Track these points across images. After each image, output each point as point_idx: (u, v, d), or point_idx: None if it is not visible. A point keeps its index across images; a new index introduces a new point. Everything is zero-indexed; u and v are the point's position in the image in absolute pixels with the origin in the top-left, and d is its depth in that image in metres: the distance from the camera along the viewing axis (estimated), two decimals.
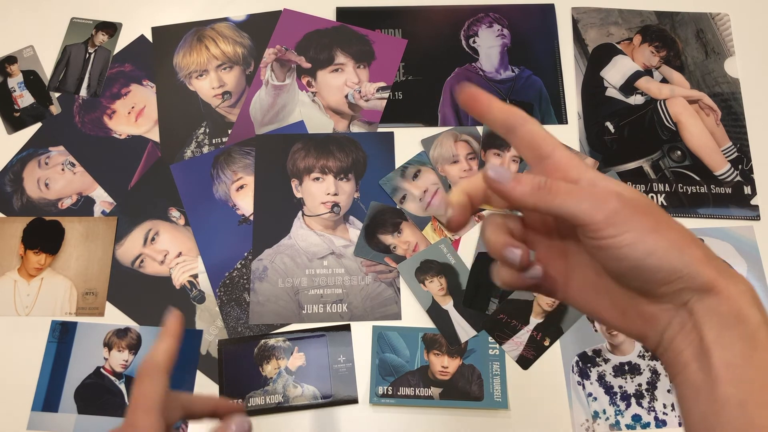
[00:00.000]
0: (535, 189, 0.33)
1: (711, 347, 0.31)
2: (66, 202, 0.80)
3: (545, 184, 0.33)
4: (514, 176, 0.34)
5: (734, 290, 0.31)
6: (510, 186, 0.34)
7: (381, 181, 0.80)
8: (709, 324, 0.31)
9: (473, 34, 0.88)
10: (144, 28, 0.89)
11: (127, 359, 0.73)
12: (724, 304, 0.31)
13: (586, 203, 0.32)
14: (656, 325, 0.34)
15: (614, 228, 0.32)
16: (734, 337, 0.31)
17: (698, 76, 0.85)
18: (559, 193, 0.33)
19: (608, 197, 0.32)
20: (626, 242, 0.32)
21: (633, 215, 0.32)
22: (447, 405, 0.70)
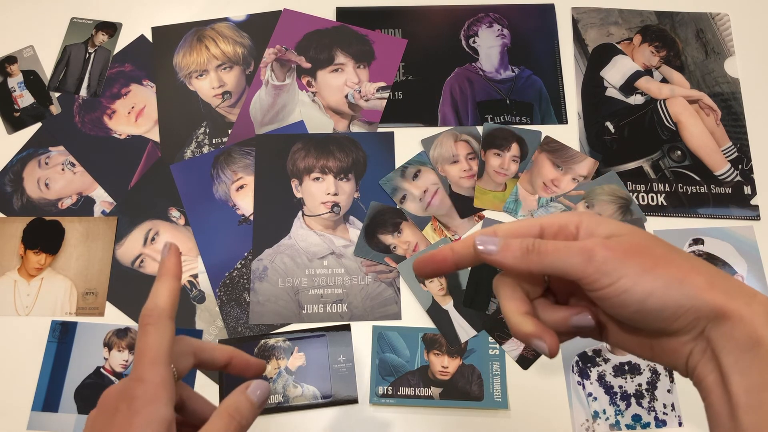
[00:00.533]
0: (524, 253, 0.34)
1: (729, 373, 0.30)
2: (66, 202, 0.80)
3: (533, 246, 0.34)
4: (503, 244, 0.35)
5: (747, 311, 0.31)
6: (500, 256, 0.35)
7: (381, 181, 0.80)
8: (726, 350, 0.31)
9: (473, 34, 0.88)
10: (144, 28, 0.89)
11: (128, 359, 0.73)
12: (737, 328, 0.31)
13: (576, 258, 0.33)
14: (681, 357, 0.33)
15: (607, 277, 0.32)
16: (752, 360, 0.30)
17: (698, 76, 0.85)
18: (548, 253, 0.34)
19: (595, 248, 0.33)
20: (622, 289, 0.32)
21: (624, 260, 0.32)
22: (447, 405, 0.70)
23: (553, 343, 0.34)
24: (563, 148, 0.81)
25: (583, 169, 0.80)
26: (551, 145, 0.81)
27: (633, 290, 0.32)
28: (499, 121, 0.83)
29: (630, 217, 0.78)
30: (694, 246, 0.77)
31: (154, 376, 0.36)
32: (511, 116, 0.83)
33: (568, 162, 0.81)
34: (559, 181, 0.80)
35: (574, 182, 0.79)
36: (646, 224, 0.78)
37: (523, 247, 0.34)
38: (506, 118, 0.83)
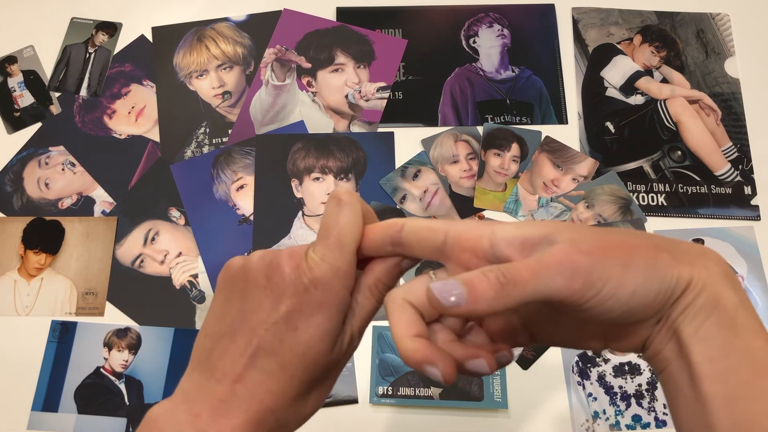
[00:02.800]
0: (499, 289, 0.28)
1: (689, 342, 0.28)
2: (66, 202, 0.80)
3: (506, 277, 0.28)
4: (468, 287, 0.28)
5: (706, 275, 0.29)
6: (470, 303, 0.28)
7: (381, 181, 0.80)
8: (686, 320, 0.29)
9: (473, 34, 0.88)
10: (144, 28, 0.89)
11: (127, 359, 0.73)
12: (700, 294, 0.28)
13: (559, 277, 0.28)
14: (640, 337, 0.31)
15: (594, 288, 0.28)
16: (712, 326, 0.28)
17: (698, 76, 0.85)
18: (527, 280, 0.28)
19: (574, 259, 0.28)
20: (608, 295, 0.28)
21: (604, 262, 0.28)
22: (447, 405, 0.70)
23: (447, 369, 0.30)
24: (563, 148, 0.81)
25: (583, 169, 0.80)
26: (551, 145, 0.81)
27: (619, 293, 0.28)
28: (499, 121, 0.83)
29: (630, 218, 0.78)
30: None
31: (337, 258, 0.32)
32: (511, 116, 0.83)
33: (568, 162, 0.81)
34: (559, 181, 0.80)
35: (575, 182, 0.79)
36: (646, 224, 0.78)
37: (495, 282, 0.28)
38: (506, 118, 0.83)
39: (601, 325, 0.31)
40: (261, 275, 0.32)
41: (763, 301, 0.74)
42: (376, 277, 0.34)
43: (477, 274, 0.28)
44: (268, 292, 0.32)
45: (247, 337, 0.32)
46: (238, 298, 0.33)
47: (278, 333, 0.31)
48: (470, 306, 0.28)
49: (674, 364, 0.29)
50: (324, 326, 0.32)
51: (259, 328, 0.32)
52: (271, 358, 0.32)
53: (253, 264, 0.33)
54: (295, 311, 0.31)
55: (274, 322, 0.32)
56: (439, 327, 0.32)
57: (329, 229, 0.32)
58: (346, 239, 0.32)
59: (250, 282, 0.33)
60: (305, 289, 0.31)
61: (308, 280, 0.31)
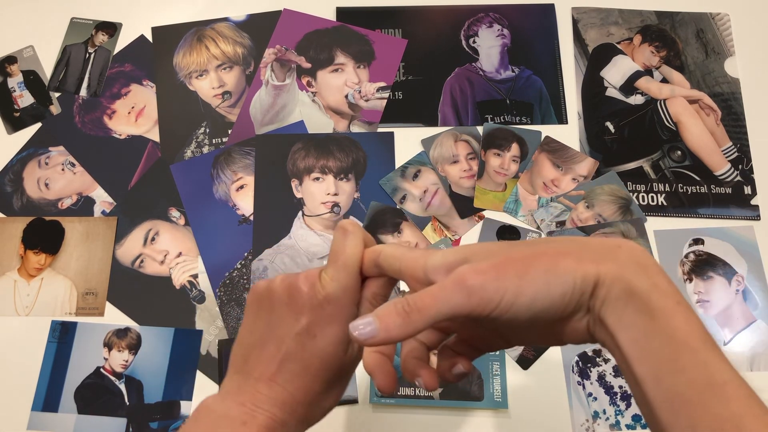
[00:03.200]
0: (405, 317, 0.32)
1: (615, 332, 0.31)
2: (66, 202, 0.80)
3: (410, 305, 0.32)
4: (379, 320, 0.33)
5: (615, 267, 0.31)
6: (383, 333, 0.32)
7: (381, 181, 0.80)
8: (608, 312, 0.31)
9: (473, 34, 0.88)
10: (144, 28, 0.89)
11: (127, 359, 0.73)
12: (611, 287, 0.31)
13: (456, 296, 0.32)
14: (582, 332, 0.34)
15: (491, 302, 0.31)
16: (631, 314, 0.31)
17: (698, 76, 0.85)
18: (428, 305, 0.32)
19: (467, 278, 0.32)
20: (508, 304, 0.31)
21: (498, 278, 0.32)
22: (447, 405, 0.70)
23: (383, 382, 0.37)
24: (563, 148, 0.81)
25: (583, 169, 0.80)
26: (551, 145, 0.81)
27: (518, 301, 0.31)
28: (499, 121, 0.83)
29: (630, 217, 0.78)
30: (694, 246, 0.77)
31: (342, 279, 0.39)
32: (511, 116, 0.83)
33: (568, 162, 0.81)
34: (559, 181, 0.80)
35: (574, 182, 0.79)
36: (646, 224, 0.78)
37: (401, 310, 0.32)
38: (506, 118, 0.83)
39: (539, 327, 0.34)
40: (284, 294, 0.40)
41: (763, 300, 0.74)
42: (372, 291, 0.40)
43: (387, 306, 0.33)
44: (290, 309, 0.39)
45: (276, 345, 0.39)
46: (265, 315, 0.40)
47: (300, 341, 0.38)
48: (384, 336, 0.32)
49: (615, 353, 0.32)
50: (337, 334, 0.39)
51: (285, 338, 0.39)
52: (296, 362, 0.39)
53: (276, 285, 0.40)
54: (312, 323, 0.38)
55: (297, 332, 0.39)
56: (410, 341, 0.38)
57: (337, 255, 0.39)
58: (350, 262, 0.39)
59: (275, 300, 0.40)
60: (320, 304, 0.38)
61: (322, 297, 0.38)
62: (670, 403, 0.29)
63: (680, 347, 0.30)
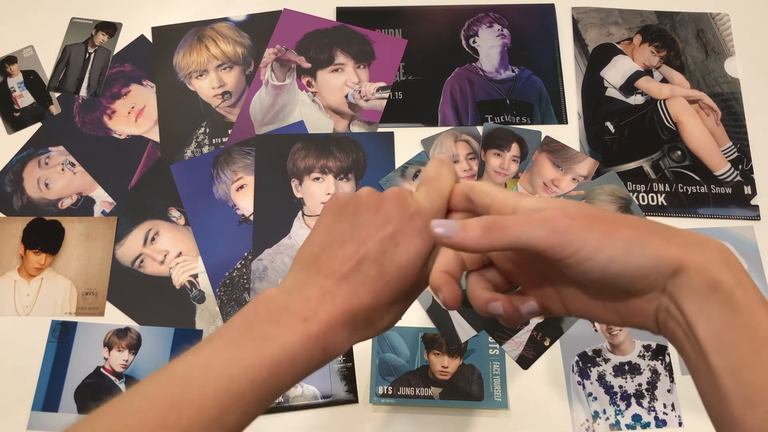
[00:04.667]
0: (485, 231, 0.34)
1: (694, 322, 0.31)
2: (66, 202, 0.80)
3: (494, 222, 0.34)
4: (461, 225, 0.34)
5: (701, 259, 0.32)
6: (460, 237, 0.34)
7: (381, 181, 0.80)
8: (688, 300, 0.32)
9: (473, 34, 0.88)
10: (144, 28, 0.89)
11: (127, 359, 0.73)
12: (695, 277, 0.31)
13: (539, 230, 0.33)
14: (648, 316, 0.34)
15: (571, 247, 0.32)
16: (713, 305, 0.31)
17: (698, 76, 0.85)
18: (510, 227, 0.33)
19: (556, 218, 0.33)
20: (585, 256, 0.32)
21: (584, 228, 0.33)
22: (447, 405, 0.70)
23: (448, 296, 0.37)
24: (563, 148, 0.81)
25: (583, 169, 0.80)
26: (551, 145, 0.81)
27: (595, 258, 0.32)
28: (499, 121, 0.83)
29: None
30: None
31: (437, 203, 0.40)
32: (511, 116, 0.83)
33: (568, 162, 0.81)
34: (559, 181, 0.80)
35: (574, 182, 0.79)
36: None
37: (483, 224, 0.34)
38: (506, 118, 0.83)
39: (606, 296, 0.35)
40: (373, 202, 0.40)
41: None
42: None
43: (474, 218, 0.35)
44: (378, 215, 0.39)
45: (356, 246, 0.38)
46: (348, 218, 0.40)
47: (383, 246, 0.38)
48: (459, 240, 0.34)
49: (686, 342, 0.32)
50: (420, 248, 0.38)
51: (368, 241, 0.38)
52: (374, 265, 0.38)
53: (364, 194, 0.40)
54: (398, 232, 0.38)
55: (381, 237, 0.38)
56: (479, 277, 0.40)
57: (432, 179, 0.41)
58: (444, 186, 0.41)
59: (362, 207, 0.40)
60: (410, 216, 0.39)
61: (414, 210, 0.39)
62: (746, 397, 0.29)
63: (762, 343, 0.30)
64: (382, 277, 0.38)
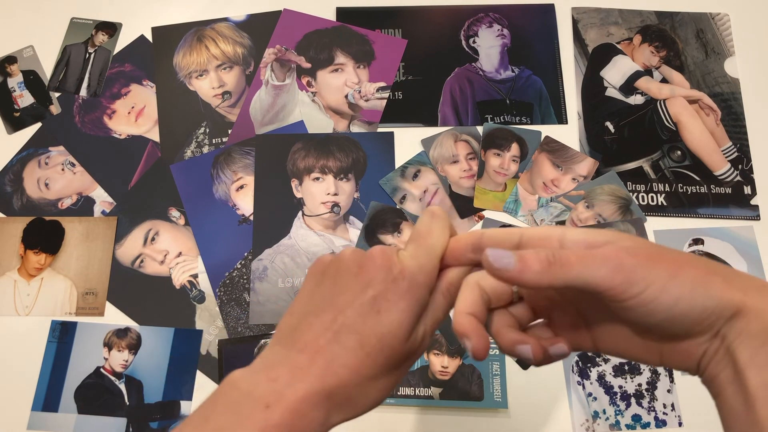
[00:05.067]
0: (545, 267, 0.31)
1: (745, 369, 0.30)
2: (66, 202, 0.80)
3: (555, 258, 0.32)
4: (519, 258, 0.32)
5: (761, 304, 0.30)
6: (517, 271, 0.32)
7: (381, 181, 0.80)
8: (742, 345, 0.30)
9: (473, 34, 0.88)
10: (144, 28, 0.89)
11: (127, 359, 0.73)
12: (753, 322, 0.30)
13: (603, 269, 0.31)
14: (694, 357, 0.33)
15: (636, 287, 0.31)
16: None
17: (698, 76, 0.85)
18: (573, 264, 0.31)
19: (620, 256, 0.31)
20: (651, 297, 0.31)
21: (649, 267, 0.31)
22: (447, 405, 0.70)
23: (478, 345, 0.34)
24: (563, 148, 0.81)
25: (583, 169, 0.80)
26: (551, 145, 0.81)
27: (662, 299, 0.30)
28: (499, 121, 0.83)
29: (630, 217, 0.78)
30: (694, 246, 0.77)
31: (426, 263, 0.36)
32: (511, 116, 0.83)
33: (568, 162, 0.81)
34: (559, 181, 0.80)
35: (574, 182, 0.79)
36: (646, 224, 0.78)
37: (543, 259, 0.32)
38: (506, 118, 0.83)
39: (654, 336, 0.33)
40: (354, 264, 0.36)
41: None
42: (449, 280, 0.38)
43: (531, 251, 0.32)
44: (359, 279, 0.36)
45: (333, 315, 0.35)
46: (329, 283, 0.37)
47: (363, 313, 0.35)
48: (516, 274, 0.32)
49: (730, 388, 0.31)
50: (404, 314, 0.35)
51: (346, 308, 0.35)
52: (352, 335, 0.34)
53: (346, 255, 0.37)
54: (380, 297, 0.35)
55: (361, 303, 0.35)
56: (504, 313, 0.37)
57: (422, 235, 0.37)
58: (435, 244, 0.37)
59: (343, 270, 0.36)
60: (393, 279, 0.35)
61: (398, 271, 0.35)
62: None
63: None
64: (362, 348, 0.34)
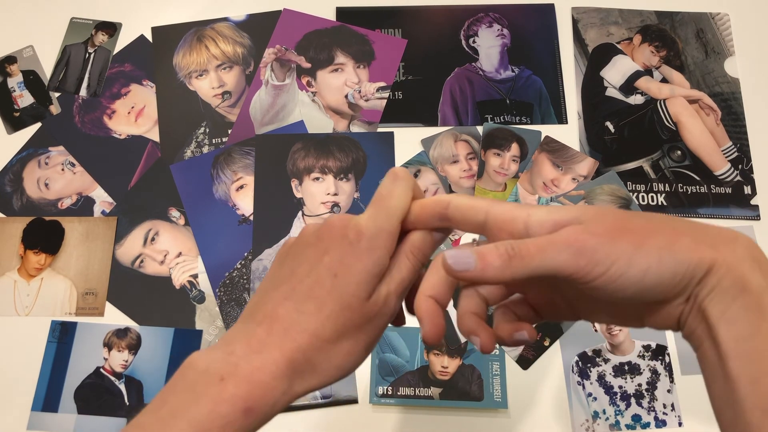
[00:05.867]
0: (506, 261, 0.31)
1: (716, 324, 0.29)
2: (66, 202, 0.80)
3: (514, 250, 0.31)
4: (479, 256, 0.31)
5: (732, 258, 0.30)
6: (479, 270, 0.31)
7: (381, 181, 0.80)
8: (713, 302, 0.30)
9: (473, 34, 0.88)
10: (144, 28, 0.89)
11: (127, 359, 0.73)
12: (724, 277, 0.29)
13: (564, 254, 0.30)
14: (673, 317, 0.32)
15: (601, 266, 0.30)
16: (739, 309, 0.29)
17: (698, 75, 0.85)
18: (533, 255, 0.31)
19: (581, 239, 0.30)
20: (618, 273, 0.30)
21: (612, 244, 0.30)
22: (447, 405, 0.70)
23: (486, 341, 0.34)
24: (563, 148, 0.81)
25: (583, 169, 0.80)
26: (551, 145, 0.81)
27: (629, 273, 0.30)
28: (499, 121, 0.83)
29: None
30: None
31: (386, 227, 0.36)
32: (511, 116, 0.83)
33: (568, 162, 0.81)
34: (559, 181, 0.80)
35: (574, 182, 0.79)
36: None
37: (503, 253, 0.31)
38: (506, 118, 0.83)
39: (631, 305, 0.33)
40: (312, 236, 0.37)
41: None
42: (412, 243, 0.38)
43: (490, 246, 0.32)
44: (315, 248, 0.36)
45: (292, 285, 0.35)
46: (290, 260, 0.37)
47: (319, 278, 0.35)
48: (478, 273, 0.31)
49: (705, 343, 0.30)
50: (362, 275, 0.35)
51: (304, 277, 0.35)
52: (309, 300, 0.34)
53: (306, 230, 0.38)
54: (336, 260, 0.35)
55: (317, 270, 0.35)
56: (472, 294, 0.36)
57: (382, 197, 0.37)
58: (395, 206, 0.36)
59: (301, 244, 0.37)
60: (350, 243, 0.35)
61: (354, 234, 0.35)
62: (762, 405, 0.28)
63: None
64: (320, 311, 0.34)
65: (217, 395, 0.31)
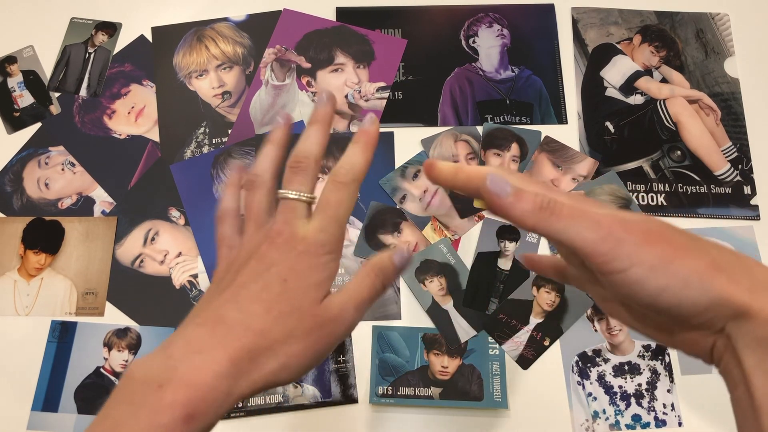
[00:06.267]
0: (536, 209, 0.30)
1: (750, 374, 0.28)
2: (66, 202, 0.80)
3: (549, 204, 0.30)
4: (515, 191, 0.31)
5: None
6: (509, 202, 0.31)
7: (381, 181, 0.80)
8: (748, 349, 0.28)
9: (473, 34, 0.88)
10: (144, 28, 0.89)
11: (127, 359, 0.73)
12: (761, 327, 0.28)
13: (590, 232, 0.29)
14: (703, 348, 0.31)
15: (619, 262, 0.29)
16: None
17: (698, 75, 0.86)
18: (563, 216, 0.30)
19: (612, 226, 0.29)
20: (634, 278, 0.29)
21: (639, 246, 0.29)
22: (447, 405, 0.70)
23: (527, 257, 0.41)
24: (563, 148, 0.81)
25: (583, 169, 0.80)
26: (551, 145, 0.81)
27: (646, 282, 0.29)
28: (499, 121, 0.83)
29: None
30: None
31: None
32: (511, 116, 0.83)
33: (568, 162, 0.81)
34: (559, 181, 0.80)
35: (574, 182, 0.80)
36: None
37: (537, 201, 0.30)
38: (506, 118, 0.83)
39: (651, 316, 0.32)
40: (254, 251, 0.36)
41: None
42: (378, 264, 0.38)
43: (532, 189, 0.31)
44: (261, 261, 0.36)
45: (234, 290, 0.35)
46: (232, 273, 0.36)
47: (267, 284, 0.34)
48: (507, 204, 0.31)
49: (740, 389, 0.29)
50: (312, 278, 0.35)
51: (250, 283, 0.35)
52: (256, 303, 0.34)
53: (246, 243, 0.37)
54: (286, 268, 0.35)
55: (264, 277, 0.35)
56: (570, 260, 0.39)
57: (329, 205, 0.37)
58: (342, 215, 0.37)
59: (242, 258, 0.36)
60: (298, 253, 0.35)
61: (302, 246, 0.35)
62: None
63: None
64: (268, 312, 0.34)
65: (156, 404, 0.30)
